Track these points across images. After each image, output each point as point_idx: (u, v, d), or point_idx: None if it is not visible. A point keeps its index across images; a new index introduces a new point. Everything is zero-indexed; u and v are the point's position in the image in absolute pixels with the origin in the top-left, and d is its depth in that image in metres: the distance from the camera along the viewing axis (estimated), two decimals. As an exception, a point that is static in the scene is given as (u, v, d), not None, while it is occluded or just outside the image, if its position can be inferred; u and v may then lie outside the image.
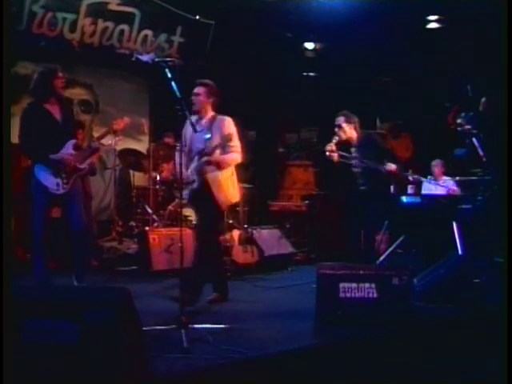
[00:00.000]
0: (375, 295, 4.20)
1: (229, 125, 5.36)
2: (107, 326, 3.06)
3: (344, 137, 6.31)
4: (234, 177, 5.45)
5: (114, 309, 3.10)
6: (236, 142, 5.35)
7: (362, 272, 4.31)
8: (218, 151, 5.28)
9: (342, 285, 4.18)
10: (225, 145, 5.29)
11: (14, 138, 5.63)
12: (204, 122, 5.36)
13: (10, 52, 4.15)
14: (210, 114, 5.40)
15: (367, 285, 4.19)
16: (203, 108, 5.37)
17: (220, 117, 5.39)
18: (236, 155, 5.35)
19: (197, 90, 5.39)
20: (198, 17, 9.28)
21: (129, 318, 3.20)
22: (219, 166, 5.25)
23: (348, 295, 4.18)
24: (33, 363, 3.02)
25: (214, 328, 4.37)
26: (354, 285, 4.18)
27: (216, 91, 5.44)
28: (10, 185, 4.97)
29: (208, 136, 5.24)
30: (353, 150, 6.35)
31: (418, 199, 6.72)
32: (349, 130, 6.33)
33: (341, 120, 6.35)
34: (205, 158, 5.25)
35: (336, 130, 6.34)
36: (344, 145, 6.32)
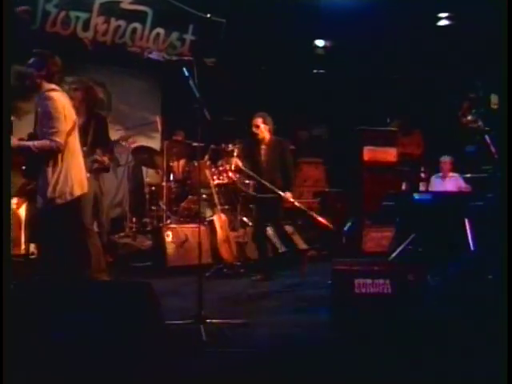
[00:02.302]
0: (390, 291, 4.26)
1: None
2: (132, 319, 3.15)
3: (260, 136, 6.73)
4: None
5: (138, 303, 3.18)
6: None
7: (376, 268, 4.38)
8: None
9: (357, 280, 4.25)
10: None
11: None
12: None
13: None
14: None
15: (382, 281, 4.25)
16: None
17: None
18: None
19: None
20: (209, 15, 9.34)
21: (152, 312, 3.28)
22: None
23: (363, 291, 4.25)
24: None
25: (232, 323, 4.45)
26: (368, 280, 4.24)
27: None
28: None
29: None
30: (262, 148, 6.79)
31: (429, 196, 6.74)
32: (264, 131, 6.75)
33: (259, 121, 6.73)
34: None
35: (253, 129, 6.73)
36: (256, 144, 6.80)
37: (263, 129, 6.73)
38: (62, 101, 4.58)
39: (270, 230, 7.25)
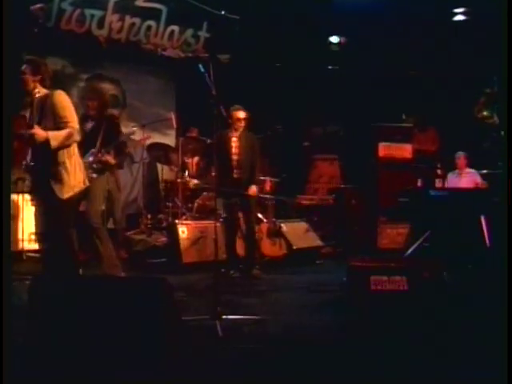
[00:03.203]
0: (406, 288, 4.24)
1: None
2: (147, 315, 3.17)
3: (241, 129, 6.72)
4: None
5: (153, 298, 3.21)
6: None
7: (392, 265, 4.36)
8: None
9: (372, 277, 4.23)
10: None
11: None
12: None
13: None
14: None
15: (398, 277, 4.23)
16: None
17: None
18: None
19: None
20: (223, 12, 9.35)
21: (168, 307, 3.30)
22: None
23: (379, 288, 4.23)
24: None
25: (247, 319, 4.47)
26: (384, 277, 4.23)
27: None
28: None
29: None
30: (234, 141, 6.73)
31: (444, 193, 6.71)
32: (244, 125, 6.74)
33: (243, 114, 6.70)
34: None
35: (236, 122, 6.67)
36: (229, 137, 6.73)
37: (244, 122, 6.73)
38: (67, 97, 4.90)
39: (284, 227, 7.27)
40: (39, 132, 4.63)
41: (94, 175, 5.82)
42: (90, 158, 5.82)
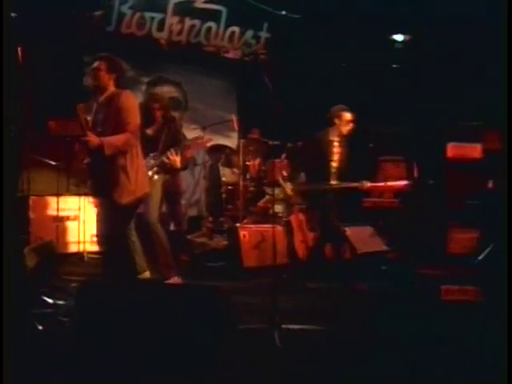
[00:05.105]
0: (479, 298, 3.96)
1: None
2: (200, 323, 3.05)
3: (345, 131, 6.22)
4: None
5: (207, 306, 3.08)
6: None
7: (464, 273, 4.09)
8: None
9: (443, 287, 3.97)
10: None
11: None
12: None
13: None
14: None
15: (471, 287, 3.95)
16: None
17: None
18: None
19: None
20: (284, 12, 9.21)
21: (222, 316, 3.17)
22: None
23: (450, 298, 3.97)
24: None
25: (307, 328, 4.27)
26: (456, 287, 3.96)
27: None
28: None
29: None
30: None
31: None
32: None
33: (349, 116, 6.22)
34: None
35: (336, 121, 6.20)
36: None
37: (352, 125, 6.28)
38: (134, 99, 4.86)
39: (348, 231, 7.04)
40: (93, 139, 4.58)
41: (156, 177, 5.78)
42: (152, 161, 5.77)
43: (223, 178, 8.72)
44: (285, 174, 7.38)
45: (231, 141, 9.38)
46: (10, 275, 3.27)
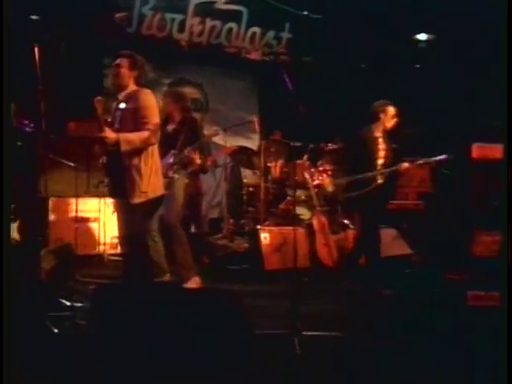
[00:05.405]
0: (506, 305, 3.82)
1: None
2: (217, 329, 2.98)
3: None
4: None
5: (224, 312, 3.01)
6: None
7: (491, 278, 3.95)
8: None
9: (470, 293, 3.84)
10: None
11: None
12: None
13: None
14: None
15: (497, 293, 3.80)
16: None
17: None
18: None
19: None
20: (306, 12, 9.13)
21: (239, 321, 3.09)
22: None
23: (477, 304, 3.83)
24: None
25: (328, 335, 4.17)
26: (482, 293, 3.82)
27: None
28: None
29: None
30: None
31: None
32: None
33: (394, 110, 6.18)
34: None
35: (381, 115, 6.18)
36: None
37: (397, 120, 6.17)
38: (154, 97, 4.81)
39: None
40: (110, 135, 4.53)
41: (176, 176, 5.71)
42: (171, 160, 5.70)
43: (244, 180, 8.66)
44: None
45: (252, 142, 9.31)
46: (27, 276, 3.24)
